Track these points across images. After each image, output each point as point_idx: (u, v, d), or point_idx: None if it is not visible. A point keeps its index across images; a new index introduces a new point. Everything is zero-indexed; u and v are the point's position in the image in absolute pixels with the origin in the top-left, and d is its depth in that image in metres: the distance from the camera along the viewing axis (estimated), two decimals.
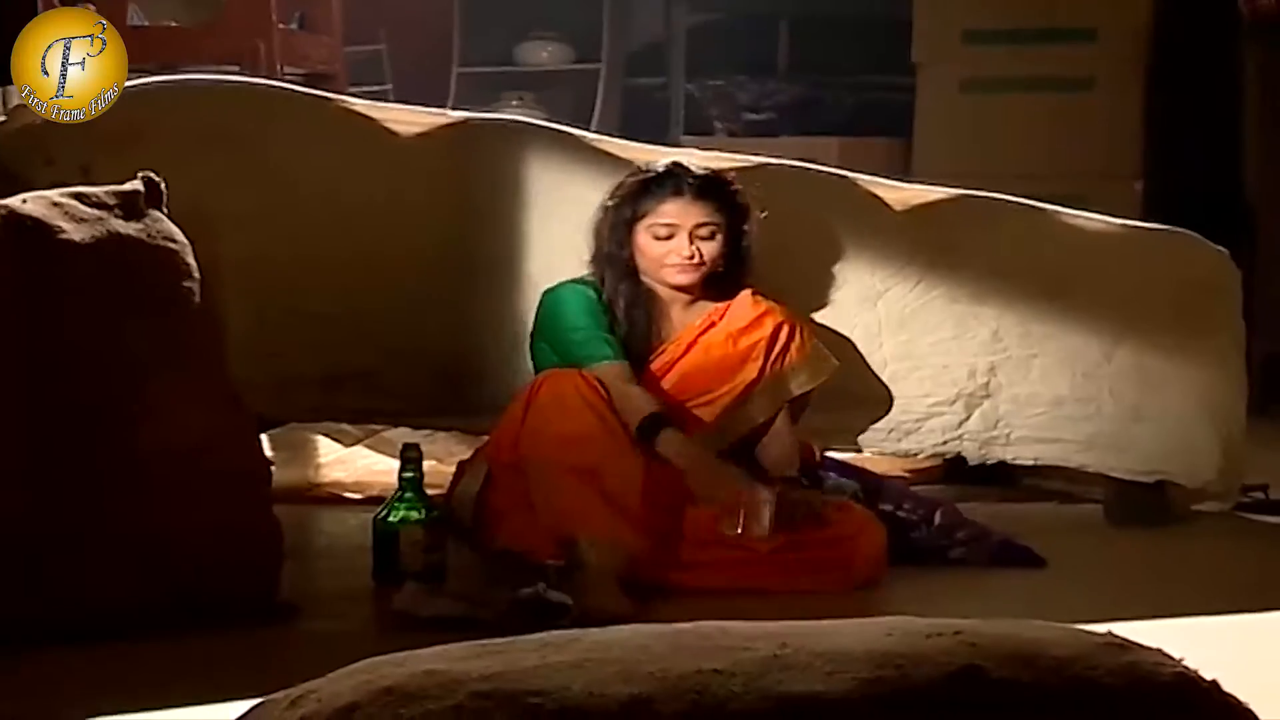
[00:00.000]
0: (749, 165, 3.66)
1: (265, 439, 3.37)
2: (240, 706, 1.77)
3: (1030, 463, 3.87)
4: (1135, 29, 5.61)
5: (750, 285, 3.41)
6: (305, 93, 3.67)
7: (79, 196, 2.90)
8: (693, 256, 3.32)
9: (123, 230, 2.89)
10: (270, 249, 3.39)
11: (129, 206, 2.93)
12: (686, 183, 3.33)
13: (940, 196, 3.88)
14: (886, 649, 1.67)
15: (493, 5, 6.87)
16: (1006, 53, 5.74)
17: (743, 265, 3.40)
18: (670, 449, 3.19)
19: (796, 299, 3.47)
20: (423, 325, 3.49)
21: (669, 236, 3.32)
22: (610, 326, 3.32)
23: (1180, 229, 4.04)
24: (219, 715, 1.89)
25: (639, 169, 3.41)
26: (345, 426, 3.99)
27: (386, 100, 5.22)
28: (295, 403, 3.50)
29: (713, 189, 3.34)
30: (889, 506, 3.47)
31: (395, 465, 3.32)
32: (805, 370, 3.40)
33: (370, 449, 4.03)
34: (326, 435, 4.05)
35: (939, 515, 3.48)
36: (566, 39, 6.93)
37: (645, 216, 3.33)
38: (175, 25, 5.00)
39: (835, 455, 3.66)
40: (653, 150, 3.70)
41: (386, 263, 3.48)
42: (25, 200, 2.85)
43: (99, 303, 2.85)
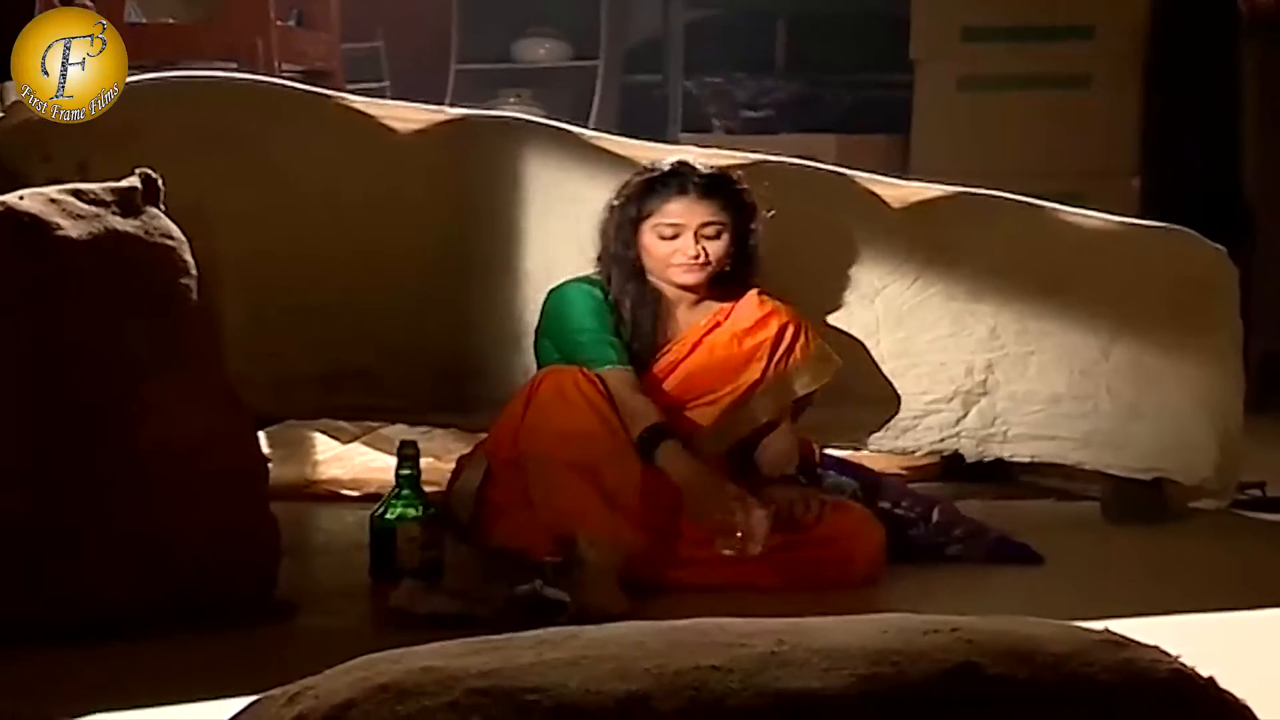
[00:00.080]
0: (747, 163, 3.66)
1: (263, 436, 3.37)
2: (238, 703, 1.77)
3: (1027, 460, 3.87)
4: (1133, 27, 5.61)
5: (757, 285, 3.39)
6: (303, 90, 3.67)
7: (76, 193, 2.89)
8: (698, 256, 3.29)
9: (120, 227, 2.89)
10: (268, 246, 3.38)
11: (126, 203, 2.92)
12: (692, 182, 3.30)
13: (938, 194, 3.88)
14: (883, 646, 1.68)
15: (491, 2, 6.86)
16: (1004, 50, 5.74)
17: (749, 264, 3.37)
18: (669, 464, 3.16)
19: (794, 296, 3.47)
20: (421, 323, 3.49)
21: (674, 236, 3.29)
22: (616, 327, 3.30)
23: (1178, 227, 4.04)
24: (216, 712, 1.89)
25: (645, 168, 3.38)
26: (343, 424, 3.99)
27: (384, 97, 5.23)
28: (294, 400, 3.50)
29: (718, 188, 3.32)
30: (887, 504, 3.47)
31: (392, 462, 3.32)
32: (809, 371, 3.38)
33: (368, 446, 4.03)
34: (324, 432, 4.05)
35: (937, 513, 3.49)
36: (564, 36, 6.92)
37: (650, 216, 3.30)
38: (173, 22, 4.99)
39: (834, 453, 3.67)
40: (651, 148, 3.69)
41: (384, 260, 3.47)
42: (22, 197, 2.85)
43: (97, 300, 2.84)
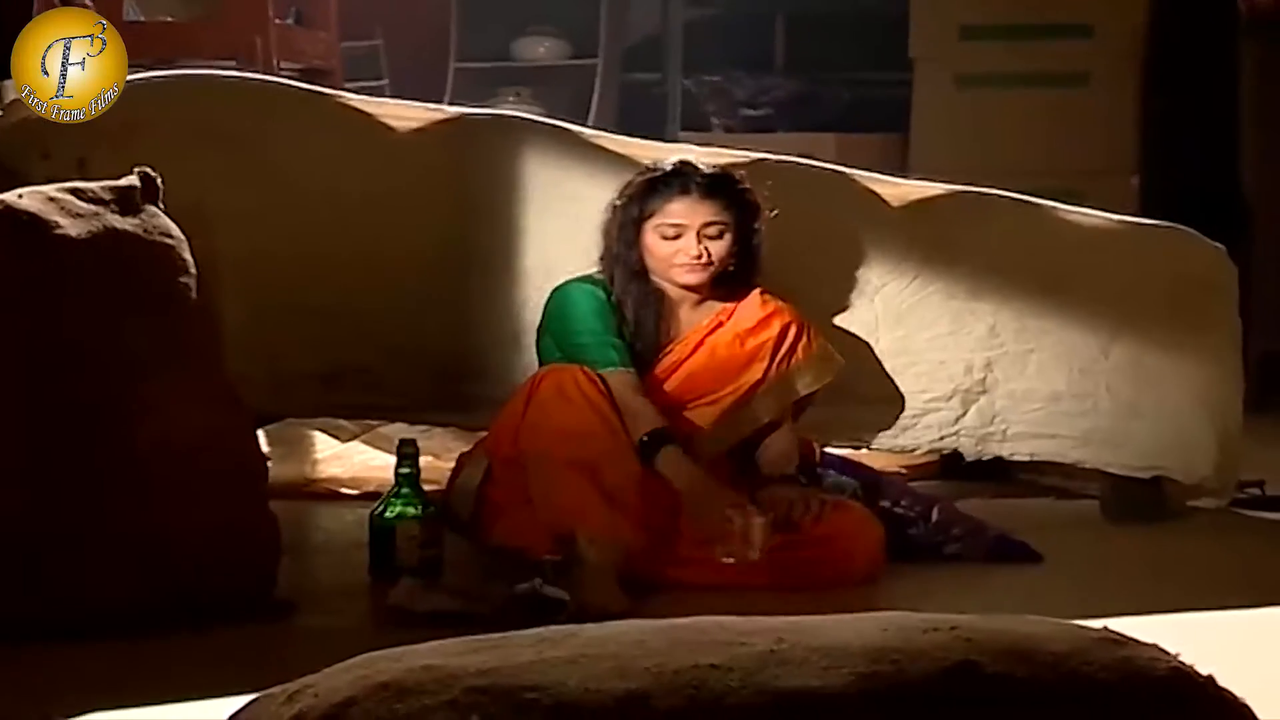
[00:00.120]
0: (746, 161, 3.65)
1: (262, 434, 3.37)
2: (237, 702, 1.77)
3: (1027, 458, 3.87)
4: (1132, 25, 5.61)
5: (760, 284, 3.38)
6: (302, 88, 3.67)
7: (75, 191, 2.89)
8: (700, 256, 3.27)
9: (119, 225, 2.89)
10: (267, 244, 3.38)
11: (125, 201, 2.92)
12: (694, 181, 3.29)
13: (937, 192, 3.88)
14: (882, 644, 1.68)
15: (490, 0, 6.86)
16: (1003, 48, 5.74)
17: (752, 264, 3.36)
18: (670, 469, 3.16)
19: (792, 295, 3.46)
20: (420, 321, 3.48)
21: (677, 236, 3.28)
22: (619, 328, 3.29)
23: (1177, 225, 4.04)
24: (216, 710, 1.89)
25: (647, 168, 3.37)
26: (342, 422, 4.00)
27: (383, 96, 5.23)
28: (293, 399, 3.50)
29: (721, 187, 3.30)
30: (887, 503, 3.47)
31: (392, 461, 3.32)
32: (811, 371, 3.38)
33: (367, 445, 4.03)
34: (323, 431, 4.06)
35: (936, 511, 3.49)
36: (564, 34, 6.92)
37: (653, 216, 3.29)
38: (171, 20, 4.99)
39: (835, 452, 3.66)
40: (650, 146, 3.69)
41: (383, 258, 3.47)
42: (21, 195, 2.85)
43: (95, 299, 2.84)
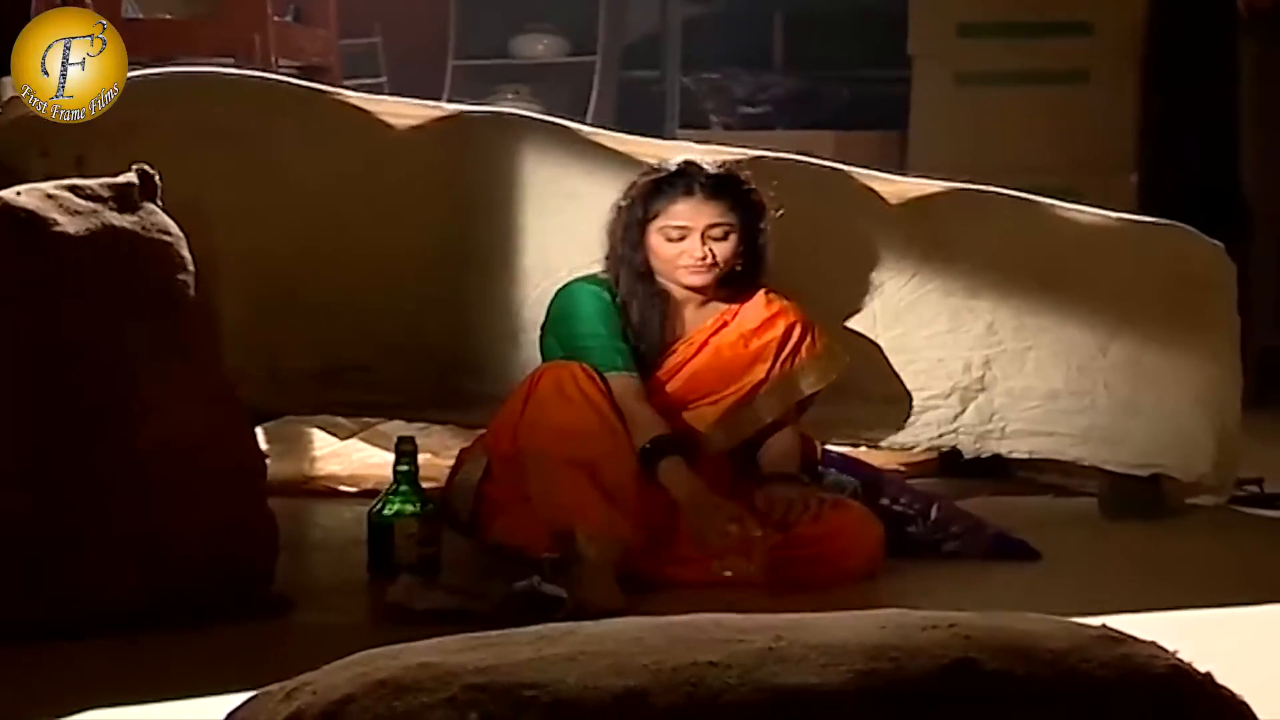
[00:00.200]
0: (745, 158, 3.65)
1: (260, 432, 3.37)
2: (236, 699, 1.77)
3: (1025, 456, 3.87)
4: (1131, 23, 5.61)
5: (766, 284, 3.37)
6: (300, 85, 3.66)
7: (73, 189, 2.89)
8: (705, 257, 3.25)
9: (117, 223, 2.88)
10: (265, 242, 3.38)
11: (123, 199, 2.92)
12: (698, 182, 3.26)
13: (935, 190, 3.88)
14: (881, 642, 1.68)
15: None
16: (1002, 46, 5.74)
17: (758, 264, 3.34)
18: (670, 479, 3.15)
19: (790, 292, 3.46)
20: (419, 319, 3.48)
21: (681, 238, 3.25)
22: (623, 329, 3.27)
23: (1175, 223, 4.05)
24: (214, 708, 1.89)
25: (651, 168, 3.35)
26: (340, 420, 4.00)
27: (382, 93, 5.23)
28: (292, 396, 3.50)
29: (726, 188, 3.28)
30: (886, 500, 3.47)
31: (390, 458, 3.31)
32: (815, 370, 3.37)
33: (365, 442, 4.03)
34: (322, 428, 4.06)
35: (935, 509, 3.49)
36: (562, 32, 6.91)
37: (657, 218, 3.27)
38: (170, 18, 4.99)
39: (836, 450, 3.66)
40: (649, 144, 3.68)
41: (381, 256, 3.47)
42: (19, 192, 2.85)
43: (94, 297, 2.84)
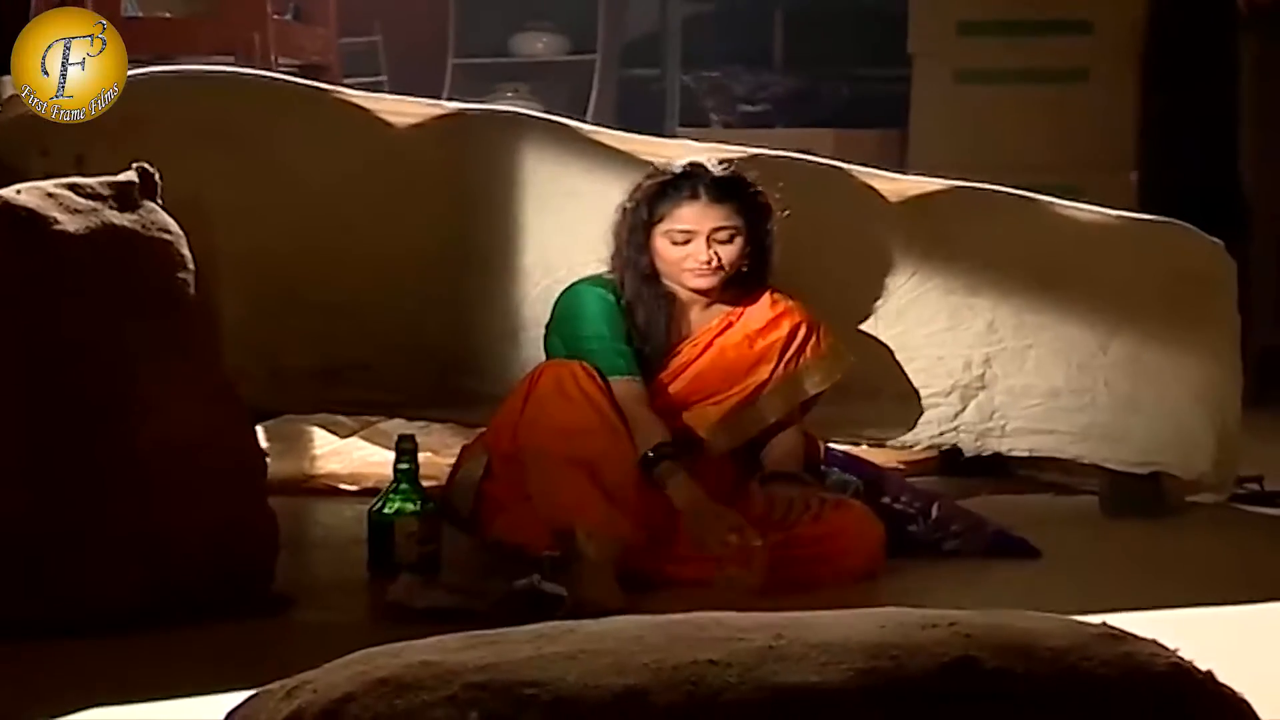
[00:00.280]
0: (743, 157, 3.65)
1: (260, 430, 3.37)
2: (236, 698, 1.77)
3: (1025, 454, 3.87)
4: (1131, 21, 5.62)
5: (771, 285, 3.36)
6: (300, 84, 3.66)
7: (73, 187, 2.89)
8: (711, 261, 3.24)
9: (117, 221, 2.88)
10: (265, 240, 3.38)
11: (123, 197, 2.92)
12: (704, 185, 3.25)
13: (935, 188, 3.88)
14: (881, 640, 1.68)
15: None
16: (1001, 44, 5.75)
17: (764, 266, 3.33)
18: (669, 484, 3.14)
19: (790, 291, 3.46)
20: (419, 317, 3.48)
21: (686, 241, 3.24)
22: (628, 331, 3.27)
23: (1175, 221, 4.05)
24: (214, 706, 1.89)
25: (657, 169, 3.34)
26: (341, 418, 3.99)
27: (382, 91, 5.23)
28: (292, 395, 3.49)
29: (731, 191, 3.26)
30: (887, 499, 3.47)
31: (390, 457, 3.31)
32: (820, 370, 3.36)
33: (365, 440, 4.03)
34: (322, 427, 4.05)
35: (936, 508, 3.48)
36: (562, 30, 6.91)
37: (662, 220, 3.25)
38: (170, 16, 4.98)
39: (838, 449, 3.66)
40: (649, 142, 3.68)
41: (381, 254, 3.46)
42: (20, 191, 2.84)
43: (94, 295, 2.84)
